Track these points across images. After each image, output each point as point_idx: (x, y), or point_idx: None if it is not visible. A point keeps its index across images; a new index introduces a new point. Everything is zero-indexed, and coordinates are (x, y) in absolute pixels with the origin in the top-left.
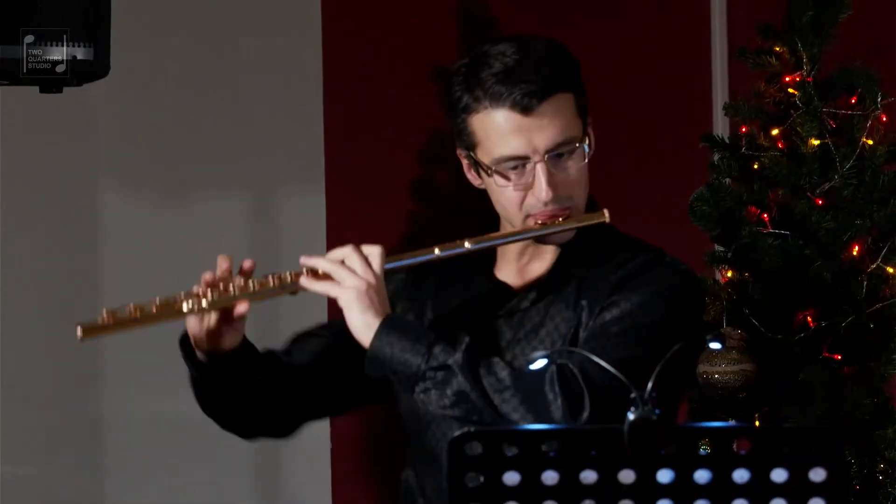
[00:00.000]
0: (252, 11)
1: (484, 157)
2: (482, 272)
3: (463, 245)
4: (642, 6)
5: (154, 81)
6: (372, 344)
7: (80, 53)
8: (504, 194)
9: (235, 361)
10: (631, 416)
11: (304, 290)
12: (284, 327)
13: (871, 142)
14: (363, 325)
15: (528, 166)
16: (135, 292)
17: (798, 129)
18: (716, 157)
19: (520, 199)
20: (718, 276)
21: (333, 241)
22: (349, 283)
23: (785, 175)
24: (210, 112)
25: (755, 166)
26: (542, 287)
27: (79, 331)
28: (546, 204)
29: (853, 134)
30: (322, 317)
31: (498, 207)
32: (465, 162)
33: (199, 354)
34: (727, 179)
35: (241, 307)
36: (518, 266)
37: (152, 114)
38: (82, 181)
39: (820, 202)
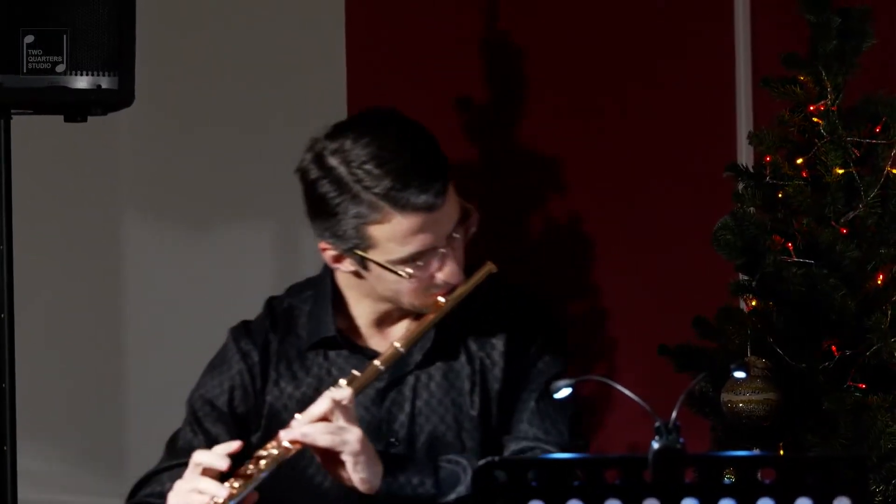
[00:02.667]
0: (276, 43)
1: (382, 256)
2: (346, 347)
3: (397, 348)
4: (666, 35)
5: (178, 111)
6: (384, 488)
7: (105, 83)
8: (405, 286)
9: None
10: (655, 445)
11: (301, 449)
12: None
13: (895, 171)
14: (373, 475)
15: (434, 256)
16: (158, 323)
17: (822, 158)
18: (740, 187)
19: (421, 287)
20: (743, 305)
21: None
22: (348, 437)
23: (809, 204)
24: (234, 142)
25: (779, 195)
26: (427, 348)
27: None
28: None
29: (878, 163)
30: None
31: (387, 294)
32: (331, 254)
33: None
34: (751, 208)
35: (251, 500)
36: (379, 328)
37: (176, 143)
38: (106, 210)
39: (844, 231)
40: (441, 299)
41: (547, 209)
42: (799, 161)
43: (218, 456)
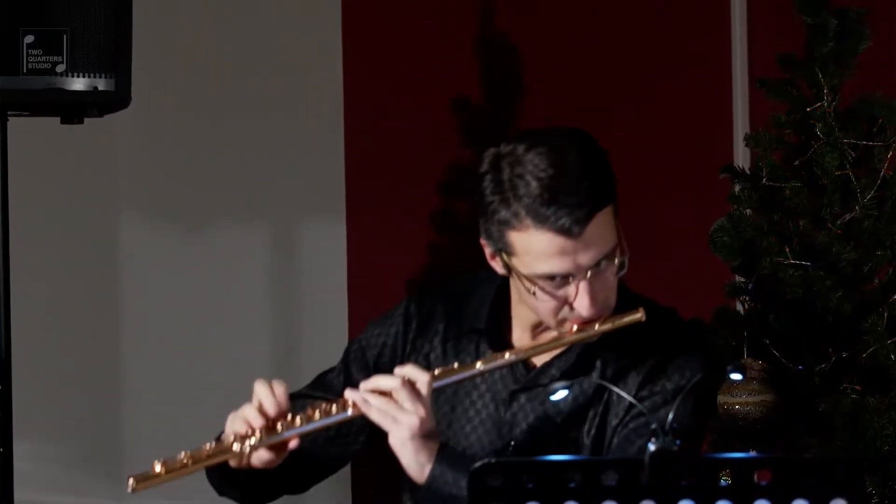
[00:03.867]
0: (273, 43)
1: (521, 267)
2: (495, 335)
3: (504, 356)
4: (663, 37)
5: (175, 112)
6: (429, 483)
7: (102, 84)
8: (540, 303)
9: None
10: (651, 447)
11: (350, 418)
12: (305, 353)
13: (892, 172)
14: (417, 465)
15: (570, 281)
16: (156, 323)
17: (819, 159)
18: (737, 188)
19: (557, 308)
20: (739, 307)
21: (354, 272)
22: (403, 419)
23: (805, 206)
24: (231, 143)
25: (776, 197)
26: (565, 368)
27: (130, 482)
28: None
29: (874, 164)
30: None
31: (529, 305)
32: (489, 251)
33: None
34: (748, 210)
35: (292, 444)
36: (532, 333)
37: (173, 144)
38: (103, 211)
39: (841, 233)
40: (574, 328)
41: None
42: (795, 163)
43: (269, 395)
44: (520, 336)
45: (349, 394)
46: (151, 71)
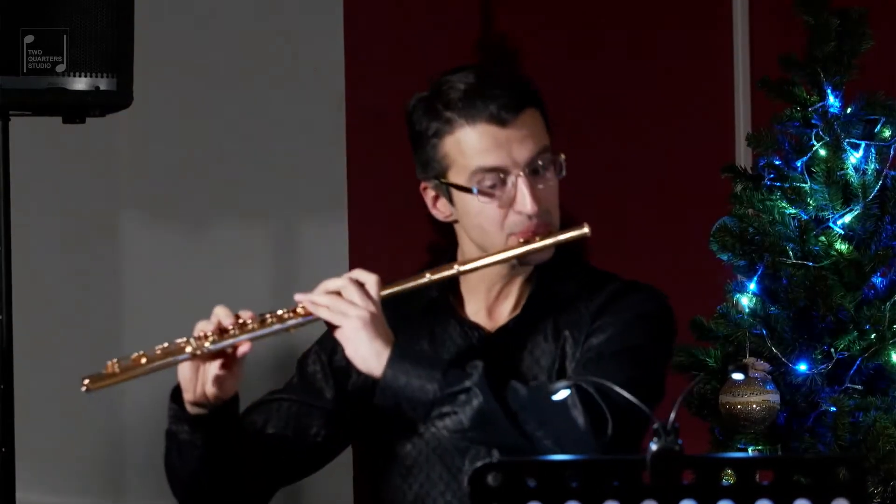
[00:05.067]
0: (275, 43)
1: (459, 177)
2: (449, 314)
3: (452, 268)
4: (664, 37)
5: (176, 112)
6: (385, 373)
7: (104, 84)
8: (485, 213)
9: (230, 414)
10: (653, 447)
11: (302, 324)
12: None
13: (893, 172)
14: (372, 353)
15: (509, 180)
16: (157, 323)
17: (820, 159)
18: (738, 188)
19: (502, 217)
20: (741, 307)
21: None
22: (352, 313)
23: (807, 206)
24: (232, 142)
25: (777, 197)
26: (517, 322)
27: (85, 382)
28: (530, 218)
29: (876, 165)
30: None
31: (475, 233)
32: (430, 195)
33: (190, 409)
34: (749, 210)
35: (243, 347)
36: (486, 304)
37: (175, 144)
38: (105, 211)
39: (842, 233)
40: (521, 240)
41: None
42: (797, 163)
43: (227, 312)
44: (476, 308)
45: (298, 297)
46: (153, 71)
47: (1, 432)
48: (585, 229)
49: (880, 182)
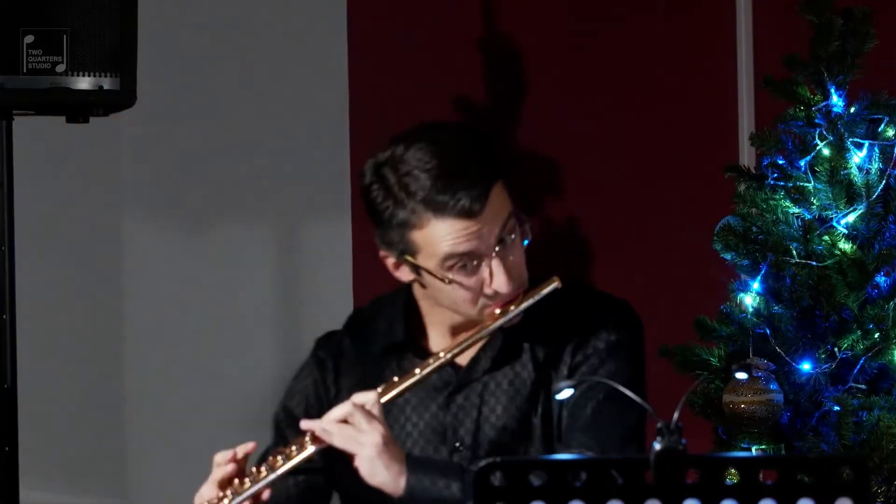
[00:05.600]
0: (278, 44)
1: (428, 261)
2: (412, 351)
3: (438, 357)
4: (667, 37)
5: (180, 112)
6: (409, 492)
7: (107, 83)
8: (456, 295)
9: None
10: (657, 446)
11: (314, 453)
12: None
13: None
14: (391, 478)
15: (482, 262)
16: (160, 323)
17: (824, 159)
18: (742, 187)
19: (475, 295)
20: (744, 306)
21: (359, 271)
22: (364, 440)
23: (810, 205)
24: (236, 142)
25: (780, 196)
26: (495, 356)
27: None
28: (506, 293)
29: (879, 164)
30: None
31: (446, 303)
32: (391, 261)
33: None
34: (753, 209)
35: (264, 496)
36: (450, 330)
37: (178, 144)
38: (108, 210)
39: (846, 232)
40: (497, 311)
41: (547, 210)
42: (800, 162)
43: (225, 458)
44: (440, 343)
45: (306, 424)
46: (157, 70)
47: (4, 431)
48: (556, 283)
49: (884, 181)
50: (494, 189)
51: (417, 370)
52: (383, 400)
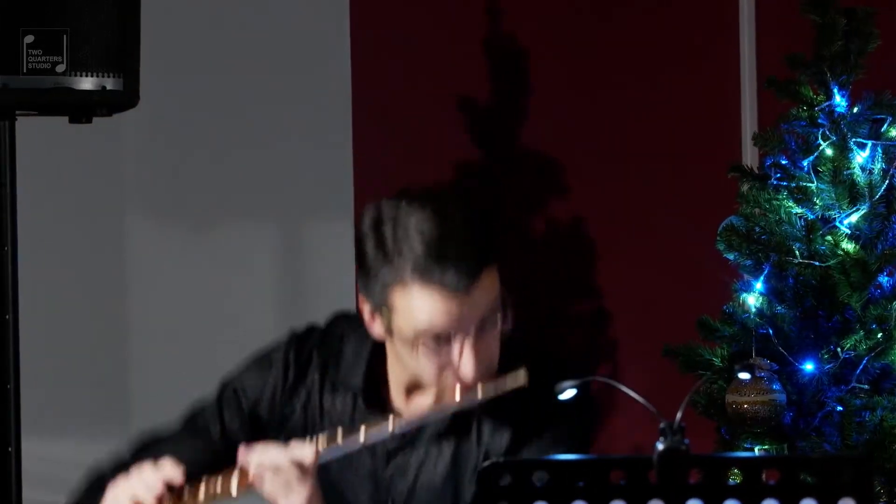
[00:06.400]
0: (281, 44)
1: (404, 325)
2: (371, 395)
3: (387, 428)
4: (670, 37)
5: (183, 112)
6: None
7: (110, 84)
8: (422, 365)
9: None
10: (660, 446)
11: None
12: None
13: None
14: None
15: (454, 343)
16: (163, 322)
17: (827, 158)
18: (745, 187)
19: (439, 370)
20: (747, 306)
21: None
22: (291, 498)
23: (813, 205)
24: (238, 142)
25: (783, 196)
26: (441, 429)
27: None
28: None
29: (882, 164)
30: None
31: (410, 367)
32: (367, 310)
33: None
34: (756, 209)
35: None
36: (406, 390)
37: (181, 144)
38: (111, 210)
39: (849, 232)
40: (458, 394)
41: (550, 210)
42: (803, 162)
43: (149, 487)
44: (396, 395)
45: (242, 455)
46: (159, 70)
47: (7, 432)
48: (522, 380)
49: (887, 181)
50: (486, 272)
51: (362, 436)
52: (321, 460)
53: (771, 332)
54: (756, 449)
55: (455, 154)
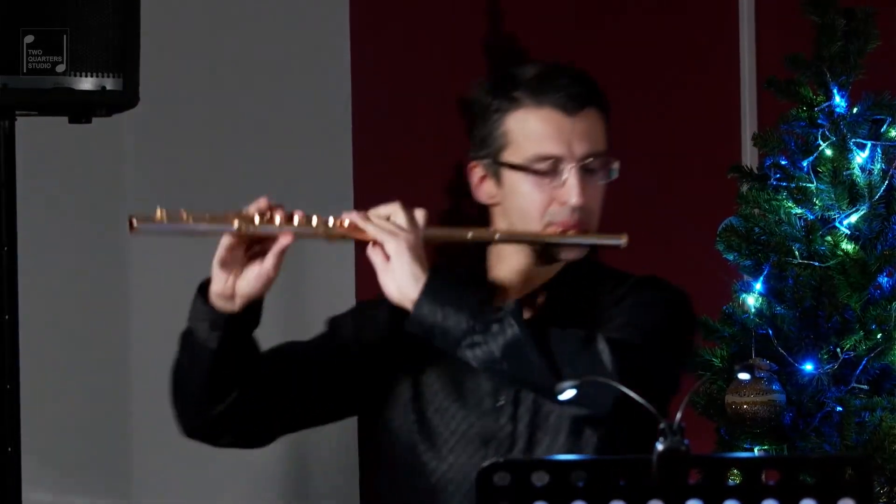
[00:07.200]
0: (281, 44)
1: (514, 157)
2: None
3: (493, 235)
4: (670, 37)
5: (183, 112)
6: (419, 299)
7: (110, 84)
8: (529, 197)
9: (248, 319)
10: (660, 447)
11: (346, 236)
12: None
13: None
14: (410, 276)
15: (562, 171)
16: (164, 323)
17: (826, 159)
18: (744, 188)
19: (545, 204)
20: (747, 306)
21: (362, 271)
22: (399, 233)
23: (813, 205)
24: (238, 143)
25: (783, 197)
26: (542, 318)
27: (133, 221)
28: (572, 211)
29: (882, 164)
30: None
31: (515, 216)
32: (477, 174)
33: (215, 301)
34: (756, 210)
35: (285, 238)
36: (504, 295)
37: (181, 144)
38: (111, 211)
39: (848, 232)
40: (559, 231)
41: None
42: (803, 163)
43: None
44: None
45: (347, 214)
46: (159, 70)
47: (7, 431)
48: (623, 240)
49: (886, 182)
50: (593, 109)
51: (470, 231)
52: (426, 233)
53: (770, 332)
54: (756, 449)
55: (455, 154)
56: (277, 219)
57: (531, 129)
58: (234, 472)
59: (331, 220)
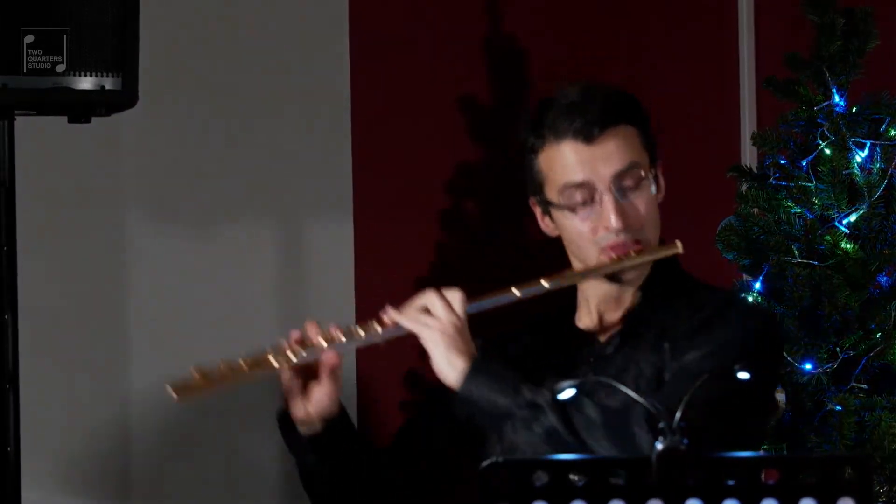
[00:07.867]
0: (280, 43)
1: (552, 192)
2: (562, 322)
3: (540, 284)
4: (670, 36)
5: (182, 111)
6: (462, 385)
7: (109, 84)
8: (576, 230)
9: (338, 430)
10: (659, 446)
11: (389, 337)
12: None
13: None
14: (446, 364)
15: (596, 197)
16: (163, 322)
17: (826, 158)
18: (744, 187)
19: (592, 232)
20: None
21: (361, 271)
22: (433, 324)
23: (812, 205)
24: (238, 142)
25: (783, 196)
26: (623, 333)
27: (171, 392)
28: (617, 234)
29: (881, 164)
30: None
31: (571, 248)
32: (538, 211)
33: (302, 430)
34: (755, 209)
35: (329, 357)
36: (598, 314)
37: (180, 144)
38: (110, 210)
39: (848, 232)
40: (614, 256)
41: None
42: (802, 162)
43: (314, 326)
44: (587, 319)
45: (388, 313)
46: (158, 70)
47: (7, 431)
48: (678, 248)
49: (886, 181)
50: (621, 127)
51: (515, 289)
52: (472, 307)
53: None
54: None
55: (455, 153)
56: (320, 338)
57: (556, 164)
58: (233, 473)
59: (370, 323)
